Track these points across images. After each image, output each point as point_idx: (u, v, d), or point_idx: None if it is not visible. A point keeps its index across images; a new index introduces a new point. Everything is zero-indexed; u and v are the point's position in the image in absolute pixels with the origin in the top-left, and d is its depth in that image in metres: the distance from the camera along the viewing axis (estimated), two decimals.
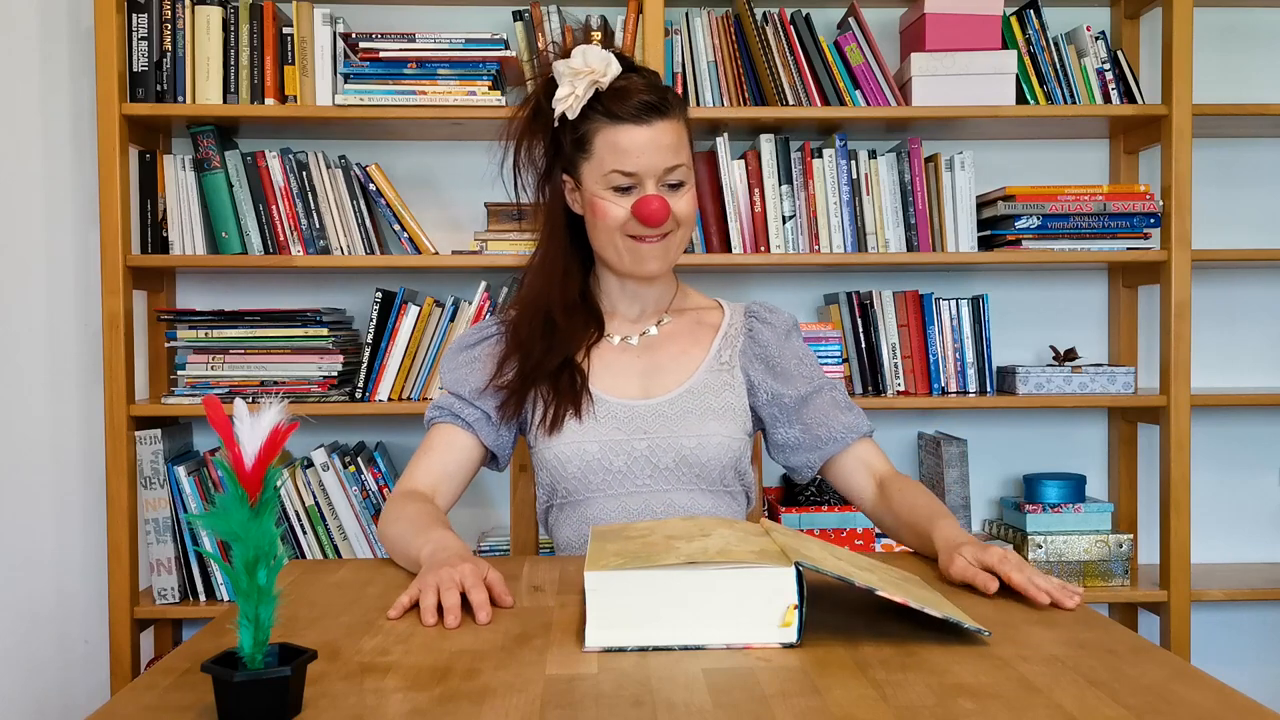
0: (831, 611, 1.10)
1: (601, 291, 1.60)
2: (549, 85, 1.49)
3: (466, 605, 1.12)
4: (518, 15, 2.34)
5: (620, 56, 1.49)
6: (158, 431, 2.25)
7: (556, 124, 1.49)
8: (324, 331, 2.28)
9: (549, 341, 1.52)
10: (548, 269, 1.55)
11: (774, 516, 2.33)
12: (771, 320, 1.59)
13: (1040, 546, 2.38)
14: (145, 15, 2.25)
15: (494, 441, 1.54)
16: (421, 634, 1.06)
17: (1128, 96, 2.36)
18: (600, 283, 1.60)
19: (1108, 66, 2.37)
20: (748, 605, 1.00)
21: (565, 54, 1.46)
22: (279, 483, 0.85)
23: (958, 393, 2.40)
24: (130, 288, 2.27)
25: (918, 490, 1.46)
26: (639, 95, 1.45)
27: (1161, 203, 2.36)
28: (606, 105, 1.45)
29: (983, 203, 2.41)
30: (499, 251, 2.32)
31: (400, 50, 2.27)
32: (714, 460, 1.50)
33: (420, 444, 1.55)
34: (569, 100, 1.45)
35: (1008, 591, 1.19)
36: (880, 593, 1.01)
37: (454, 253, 2.38)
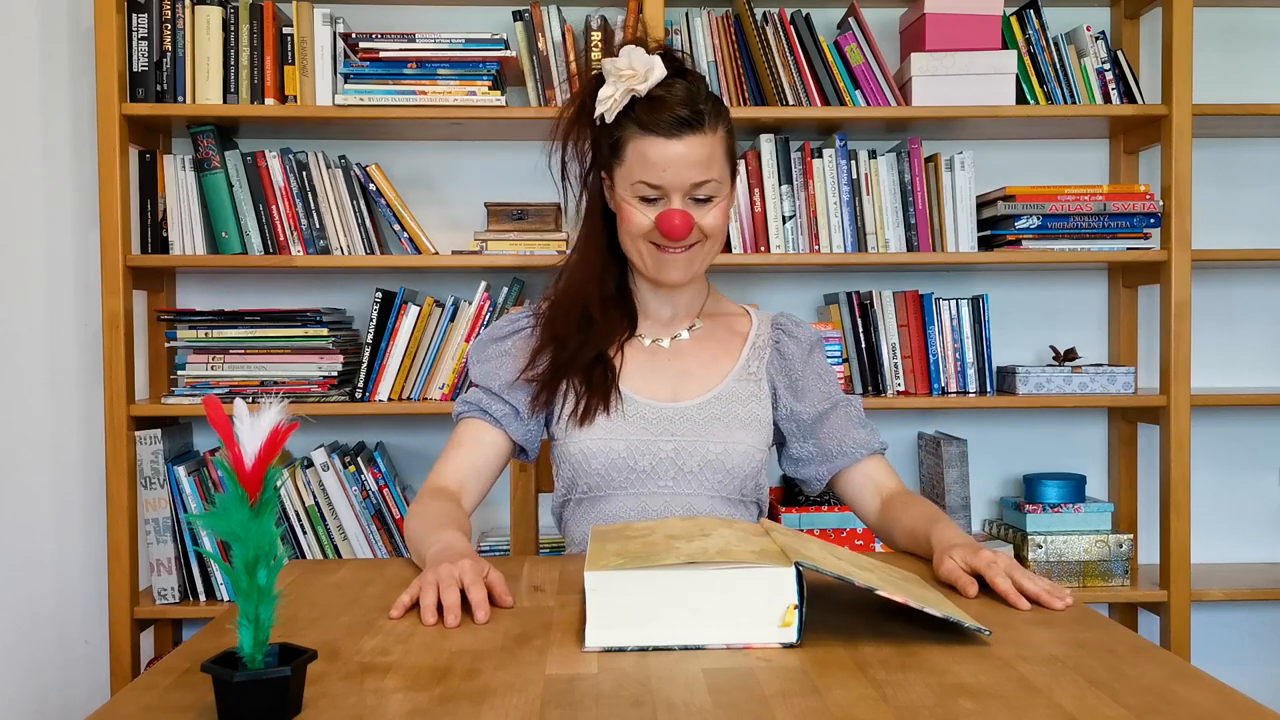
0: (831, 611, 1.09)
1: (636, 290, 1.60)
2: (597, 82, 1.49)
3: (467, 605, 1.12)
4: (518, 15, 2.34)
5: (669, 57, 1.48)
6: (158, 431, 2.25)
7: (598, 123, 1.49)
8: (324, 331, 2.28)
9: (584, 335, 1.53)
10: (586, 264, 1.56)
11: (774, 516, 2.33)
12: (797, 334, 1.60)
13: (1040, 546, 2.38)
14: (145, 15, 2.25)
15: (522, 436, 1.55)
16: (421, 634, 1.06)
17: (1128, 96, 2.36)
18: (635, 282, 1.60)
19: (1108, 66, 2.37)
20: (748, 605, 1.00)
21: (617, 52, 1.45)
22: (279, 483, 0.85)
23: (958, 393, 2.40)
24: (130, 288, 2.27)
25: (921, 502, 1.47)
26: (673, 108, 1.43)
27: (1161, 203, 2.36)
28: (640, 114, 1.44)
29: (983, 203, 2.42)
30: (499, 251, 2.32)
31: (400, 50, 2.27)
32: (738, 468, 1.50)
33: (449, 439, 1.55)
34: (607, 103, 1.45)
35: (994, 594, 1.19)
36: (880, 592, 1.01)
37: (454, 253, 2.38)
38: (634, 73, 1.43)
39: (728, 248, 2.34)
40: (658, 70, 1.44)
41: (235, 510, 0.82)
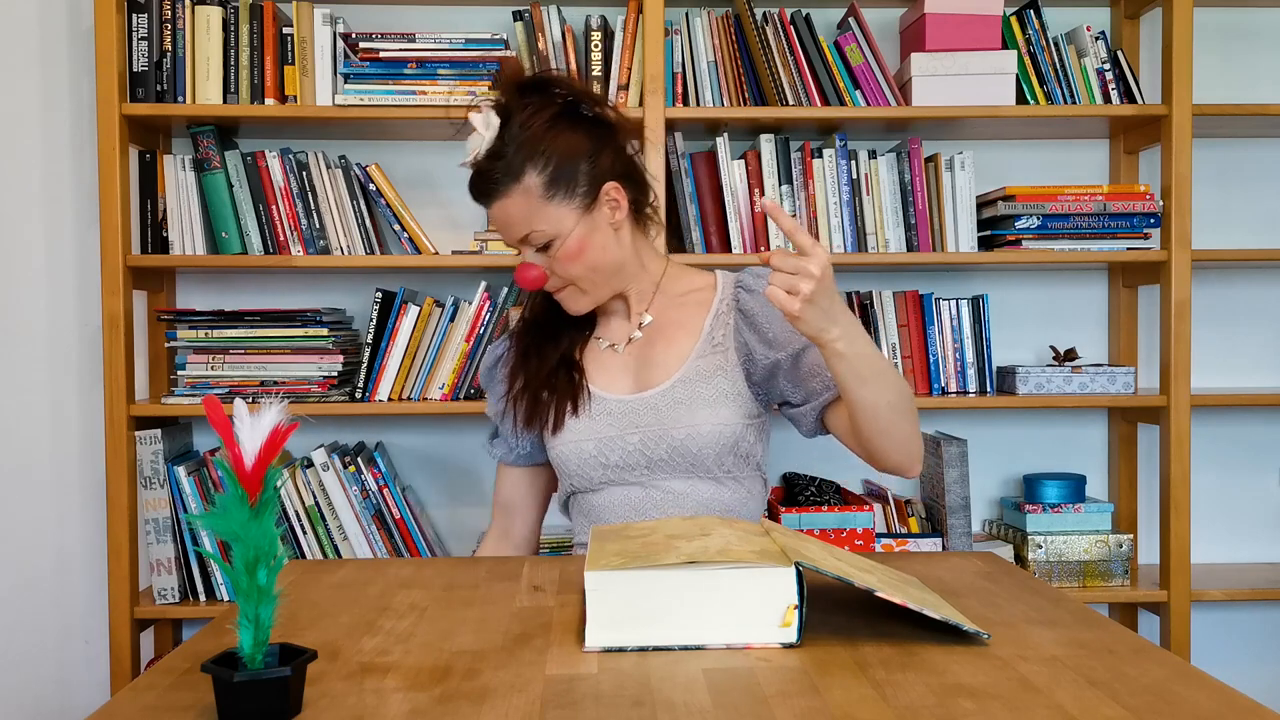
0: (831, 611, 1.10)
1: None
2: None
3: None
4: (518, 15, 2.34)
5: (515, 88, 1.49)
6: (158, 431, 2.24)
7: None
8: (324, 331, 2.28)
9: (547, 343, 1.59)
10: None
11: (774, 516, 2.33)
12: (757, 287, 1.56)
13: (1040, 546, 2.38)
14: (145, 15, 2.25)
15: (531, 460, 1.66)
16: (421, 634, 1.06)
17: (1128, 96, 2.36)
18: None
19: (1108, 66, 2.37)
20: (748, 605, 1.00)
21: (512, 78, 1.49)
22: (279, 483, 0.85)
23: (958, 393, 2.40)
24: (130, 288, 2.27)
25: None
26: (474, 181, 1.50)
27: (1161, 203, 2.36)
28: None
29: (983, 203, 2.42)
30: (499, 251, 2.32)
31: (400, 50, 2.27)
32: (707, 448, 1.50)
33: None
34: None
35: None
36: (880, 594, 1.01)
37: (454, 253, 2.38)
38: (478, 142, 1.48)
39: (727, 247, 2.34)
40: (491, 132, 1.47)
41: (235, 510, 0.82)
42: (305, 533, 2.31)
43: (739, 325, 1.55)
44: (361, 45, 2.27)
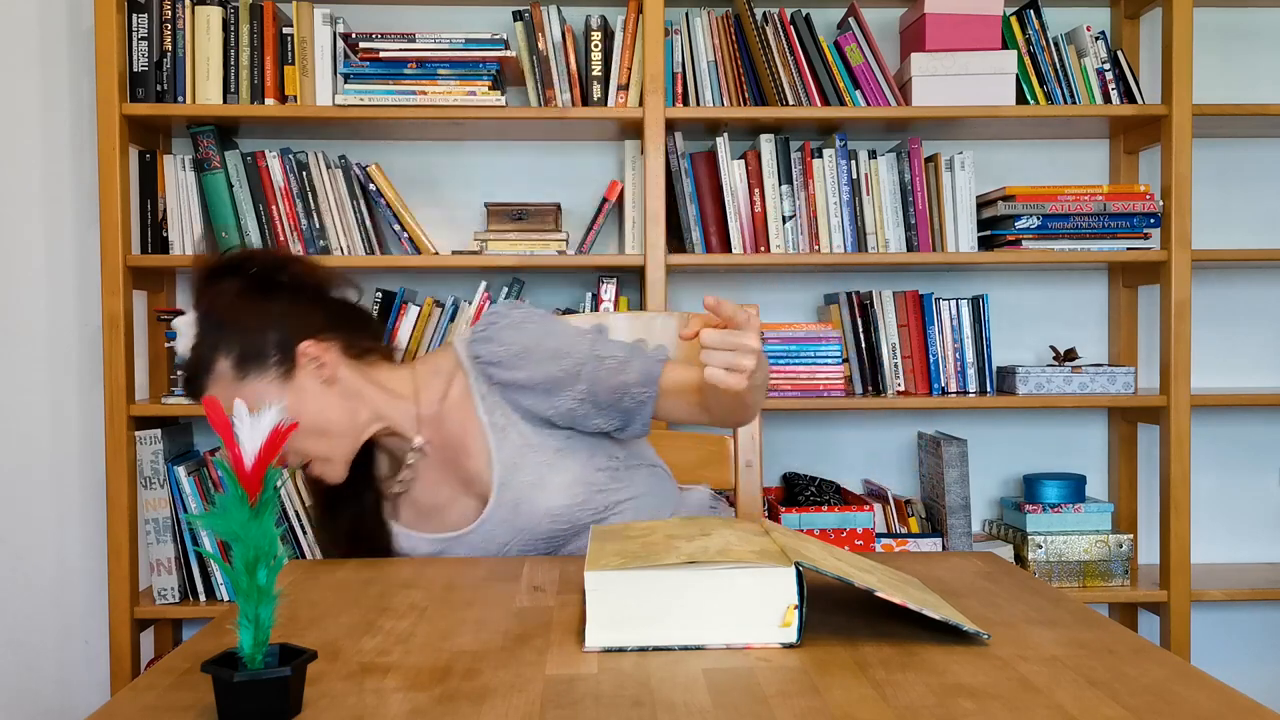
0: (831, 611, 1.09)
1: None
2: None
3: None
4: (518, 15, 2.34)
5: (213, 272, 1.44)
6: (158, 431, 2.24)
7: None
8: None
9: (346, 512, 1.52)
10: None
11: (774, 516, 2.33)
12: (495, 357, 1.46)
13: (1040, 547, 2.38)
14: (145, 15, 2.25)
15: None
16: (421, 634, 1.06)
17: (1128, 96, 2.36)
18: None
19: (1108, 66, 2.37)
20: (748, 605, 1.00)
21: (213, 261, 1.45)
22: (279, 483, 0.85)
23: (958, 393, 2.40)
24: (130, 288, 2.27)
25: None
26: (182, 383, 1.44)
27: (1161, 203, 2.36)
28: None
29: (983, 203, 2.42)
30: (499, 251, 2.32)
31: (400, 50, 2.27)
32: (575, 512, 1.45)
33: None
34: None
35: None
36: (879, 594, 1.00)
37: (454, 253, 2.38)
38: (184, 344, 1.43)
39: (727, 247, 2.34)
40: (189, 329, 1.42)
41: (235, 510, 0.82)
42: (305, 533, 2.31)
43: (507, 399, 1.47)
44: (361, 45, 2.27)
